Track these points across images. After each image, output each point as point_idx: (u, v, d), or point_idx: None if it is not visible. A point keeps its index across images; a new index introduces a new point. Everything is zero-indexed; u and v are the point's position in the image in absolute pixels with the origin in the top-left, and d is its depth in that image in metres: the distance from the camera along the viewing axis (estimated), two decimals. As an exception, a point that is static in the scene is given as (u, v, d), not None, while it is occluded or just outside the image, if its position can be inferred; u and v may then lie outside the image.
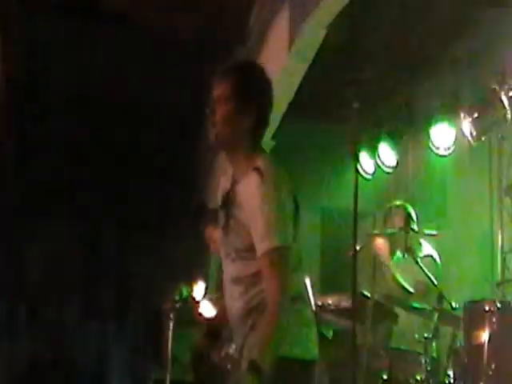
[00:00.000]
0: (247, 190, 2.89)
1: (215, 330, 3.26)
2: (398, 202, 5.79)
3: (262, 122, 2.98)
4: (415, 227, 5.59)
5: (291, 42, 5.77)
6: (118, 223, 8.38)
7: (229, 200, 3.00)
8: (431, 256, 5.66)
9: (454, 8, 6.09)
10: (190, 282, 5.42)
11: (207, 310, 5.36)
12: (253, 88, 2.95)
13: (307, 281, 3.18)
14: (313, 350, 2.97)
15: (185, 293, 5.30)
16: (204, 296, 5.50)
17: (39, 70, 7.79)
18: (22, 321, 8.48)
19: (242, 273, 2.94)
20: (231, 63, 3.10)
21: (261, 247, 2.82)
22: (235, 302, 2.98)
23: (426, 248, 5.74)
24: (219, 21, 6.87)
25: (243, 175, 2.94)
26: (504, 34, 5.80)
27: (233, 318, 3.02)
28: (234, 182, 3.01)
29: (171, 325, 5.18)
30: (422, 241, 5.73)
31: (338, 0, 5.24)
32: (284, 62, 5.96)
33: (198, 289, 5.45)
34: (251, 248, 2.87)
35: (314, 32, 5.57)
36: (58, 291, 8.53)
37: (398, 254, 5.80)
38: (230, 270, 3.00)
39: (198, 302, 5.36)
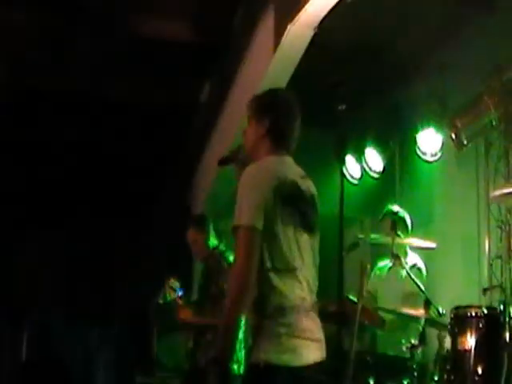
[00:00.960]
0: None
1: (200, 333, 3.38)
2: (393, 208, 5.79)
3: (275, 128, 3.36)
4: (406, 235, 5.61)
5: (276, 44, 5.74)
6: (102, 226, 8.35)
7: None
8: (416, 266, 5.68)
9: (442, 14, 6.11)
10: (174, 287, 5.42)
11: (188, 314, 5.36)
12: (263, 103, 3.44)
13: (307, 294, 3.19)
14: (302, 357, 3.09)
15: (168, 297, 5.30)
16: (187, 300, 5.52)
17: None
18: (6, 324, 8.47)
19: None
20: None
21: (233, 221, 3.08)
22: None
23: (412, 258, 5.75)
24: (203, 23, 6.88)
25: None
26: (491, 40, 5.81)
27: None
28: None
29: (155, 329, 5.17)
30: (408, 250, 5.75)
31: (325, 2, 5.21)
32: (269, 64, 5.93)
33: (182, 293, 5.45)
34: None
35: (300, 34, 5.54)
36: (43, 294, 8.51)
37: (387, 261, 5.82)
38: None
39: (181, 306, 5.37)
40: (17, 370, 7.58)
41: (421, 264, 5.76)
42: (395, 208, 5.83)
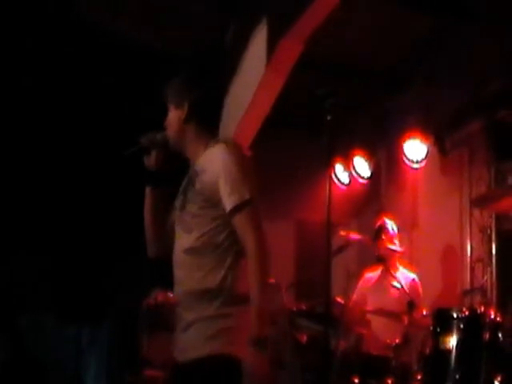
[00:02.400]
0: (210, 157, 3.13)
1: None
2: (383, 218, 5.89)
3: (196, 112, 3.23)
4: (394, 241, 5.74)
5: (269, 56, 5.91)
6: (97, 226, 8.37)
7: (189, 181, 3.21)
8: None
9: (428, 27, 6.26)
10: (165, 287, 5.50)
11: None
12: (183, 87, 3.28)
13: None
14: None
15: (160, 297, 5.37)
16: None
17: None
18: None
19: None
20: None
21: (229, 203, 3.00)
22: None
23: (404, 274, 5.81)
24: (195, 37, 6.95)
25: (202, 152, 3.18)
26: (475, 53, 5.96)
27: None
28: (193, 166, 3.22)
29: (146, 328, 5.26)
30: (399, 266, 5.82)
31: (316, 16, 5.39)
32: (262, 75, 6.09)
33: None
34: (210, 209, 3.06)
35: (291, 47, 5.72)
36: (33, 294, 8.56)
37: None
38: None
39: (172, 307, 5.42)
40: (6, 369, 7.63)
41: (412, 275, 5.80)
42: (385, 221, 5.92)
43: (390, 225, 5.81)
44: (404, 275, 5.70)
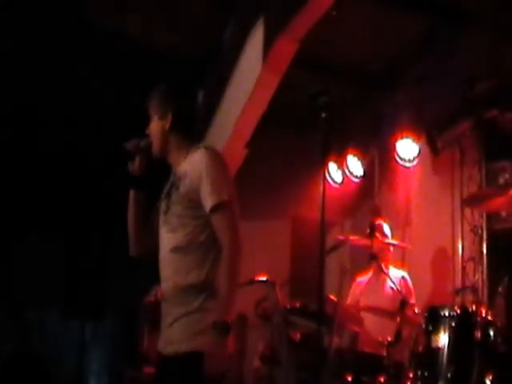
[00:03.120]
0: (191, 162, 3.34)
1: None
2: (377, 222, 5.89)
3: (178, 122, 3.44)
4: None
5: (265, 55, 5.95)
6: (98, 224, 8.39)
7: (172, 185, 3.40)
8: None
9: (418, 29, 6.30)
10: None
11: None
12: (166, 100, 3.47)
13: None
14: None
15: (160, 293, 5.39)
16: None
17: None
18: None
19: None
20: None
21: (209, 202, 3.20)
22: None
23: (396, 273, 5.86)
24: (193, 36, 6.98)
25: (183, 160, 3.39)
26: (465, 54, 6.01)
27: None
28: (175, 171, 3.42)
29: (146, 324, 5.29)
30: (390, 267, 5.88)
31: (311, 16, 5.43)
32: (258, 74, 6.13)
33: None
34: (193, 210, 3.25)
35: (287, 46, 5.77)
36: (38, 289, 8.59)
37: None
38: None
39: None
40: (12, 363, 7.66)
41: (403, 273, 5.87)
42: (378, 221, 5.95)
43: (385, 226, 5.87)
44: (394, 273, 5.74)
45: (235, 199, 3.26)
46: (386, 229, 5.89)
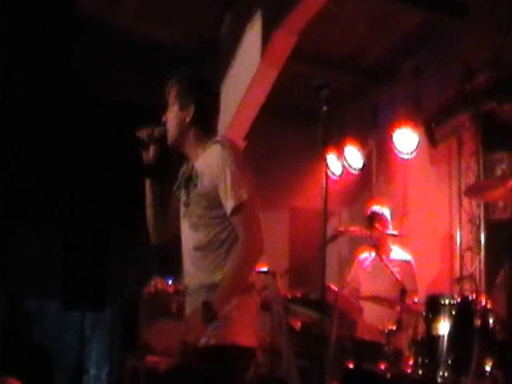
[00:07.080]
0: (208, 159, 3.21)
1: None
2: (375, 209, 5.90)
3: (200, 116, 3.28)
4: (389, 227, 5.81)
5: (263, 48, 5.99)
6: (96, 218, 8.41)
7: (190, 179, 3.30)
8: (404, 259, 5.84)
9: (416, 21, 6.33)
10: (165, 274, 5.57)
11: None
12: (190, 89, 3.31)
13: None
14: (252, 338, 3.20)
15: (159, 284, 5.43)
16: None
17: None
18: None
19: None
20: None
21: (229, 204, 3.12)
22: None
23: (398, 253, 5.89)
24: (191, 29, 7.00)
25: (201, 154, 3.28)
26: (462, 46, 6.04)
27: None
28: (193, 165, 3.32)
29: (146, 314, 5.33)
30: (391, 246, 5.90)
31: (309, 9, 5.47)
32: (257, 66, 6.16)
33: (171, 281, 5.58)
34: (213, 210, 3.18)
35: (285, 39, 5.80)
36: (37, 280, 8.62)
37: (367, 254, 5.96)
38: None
39: (171, 293, 5.48)
40: (12, 353, 7.68)
41: (407, 257, 5.87)
42: (376, 208, 5.93)
43: (383, 211, 5.83)
44: (399, 256, 5.77)
45: (254, 192, 3.17)
46: (386, 213, 5.86)
